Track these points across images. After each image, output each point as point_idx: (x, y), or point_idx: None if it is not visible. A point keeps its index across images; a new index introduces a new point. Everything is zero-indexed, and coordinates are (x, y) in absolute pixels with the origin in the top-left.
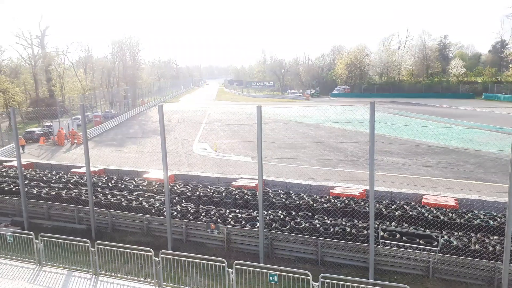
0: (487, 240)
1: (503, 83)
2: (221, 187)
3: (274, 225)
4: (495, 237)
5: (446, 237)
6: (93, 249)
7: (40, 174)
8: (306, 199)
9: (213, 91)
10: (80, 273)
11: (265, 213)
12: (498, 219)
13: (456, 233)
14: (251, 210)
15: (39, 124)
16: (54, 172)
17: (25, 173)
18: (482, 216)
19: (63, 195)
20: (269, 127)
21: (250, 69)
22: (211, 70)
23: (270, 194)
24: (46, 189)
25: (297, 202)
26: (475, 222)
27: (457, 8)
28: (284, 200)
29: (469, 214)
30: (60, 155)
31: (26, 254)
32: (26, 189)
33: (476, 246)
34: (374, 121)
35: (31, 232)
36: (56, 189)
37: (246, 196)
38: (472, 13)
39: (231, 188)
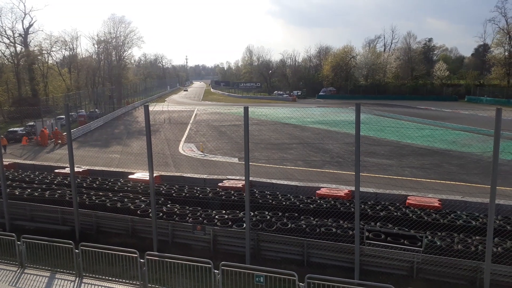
0: (469, 240)
1: (485, 86)
2: (207, 188)
3: (260, 226)
4: (477, 237)
5: (430, 237)
6: (77, 250)
7: (23, 175)
8: (292, 200)
9: (200, 92)
10: (63, 275)
11: (252, 214)
12: (480, 220)
13: (439, 234)
14: (237, 211)
15: (22, 123)
16: (37, 173)
17: (7, 174)
18: (464, 217)
19: (47, 196)
20: (256, 128)
21: (237, 70)
22: (198, 71)
23: (256, 195)
24: (29, 190)
25: (284, 203)
26: (458, 223)
27: (441, 12)
28: (270, 201)
29: (452, 215)
30: (43, 156)
31: (8, 256)
32: (8, 190)
33: (459, 246)
34: (360, 122)
35: (13, 234)
36: (39, 190)
37: (233, 197)
38: (455, 17)
39: (218, 189)
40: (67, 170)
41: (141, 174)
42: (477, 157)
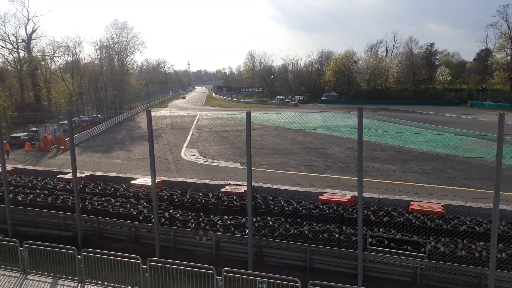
0: (473, 246)
1: (487, 91)
2: (209, 194)
3: (263, 231)
4: (481, 243)
5: (433, 243)
6: (79, 256)
7: (25, 180)
8: (295, 205)
9: (202, 97)
10: (66, 281)
11: (254, 219)
12: (484, 225)
13: (443, 239)
14: (240, 217)
15: (25, 129)
16: (39, 178)
17: (9, 179)
18: (468, 222)
19: (49, 201)
20: (258, 133)
21: (239, 75)
22: (200, 76)
23: (259, 200)
24: (32, 196)
25: (286, 209)
26: (462, 228)
27: (442, 17)
28: (273, 206)
29: (455, 220)
30: (46, 161)
31: (10, 262)
32: (11, 195)
33: (463, 252)
34: (362, 127)
35: (16, 240)
36: (42, 195)
37: (235, 203)
38: (457, 21)
39: (220, 195)
40: (70, 176)
41: (144, 180)
42: (480, 162)
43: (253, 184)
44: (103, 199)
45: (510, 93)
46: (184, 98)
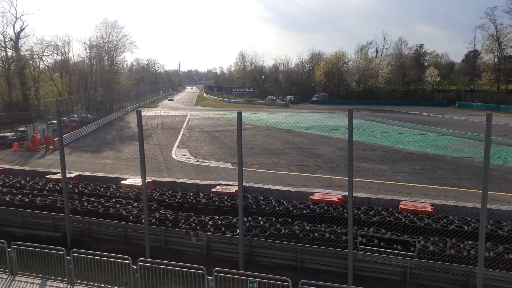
0: (462, 245)
1: (475, 92)
2: (200, 194)
3: (254, 231)
4: (469, 242)
5: (422, 242)
6: (68, 257)
7: (13, 181)
8: (286, 205)
9: (193, 97)
10: (55, 282)
11: (245, 219)
12: (472, 224)
13: (432, 238)
14: (231, 217)
15: (13, 129)
16: (28, 179)
17: None
18: (457, 222)
19: (38, 202)
20: (249, 133)
21: (230, 75)
22: (191, 76)
23: (250, 200)
24: (20, 196)
25: (277, 208)
26: (451, 228)
27: (431, 18)
28: (264, 206)
29: (444, 220)
30: (35, 161)
31: None
32: None
33: (452, 251)
34: (352, 127)
35: (4, 241)
36: (30, 196)
37: (226, 203)
38: (446, 23)
39: (211, 195)
40: (59, 176)
41: (134, 180)
42: (468, 162)
43: (244, 184)
44: (92, 199)
45: (498, 94)
46: (171, 100)
